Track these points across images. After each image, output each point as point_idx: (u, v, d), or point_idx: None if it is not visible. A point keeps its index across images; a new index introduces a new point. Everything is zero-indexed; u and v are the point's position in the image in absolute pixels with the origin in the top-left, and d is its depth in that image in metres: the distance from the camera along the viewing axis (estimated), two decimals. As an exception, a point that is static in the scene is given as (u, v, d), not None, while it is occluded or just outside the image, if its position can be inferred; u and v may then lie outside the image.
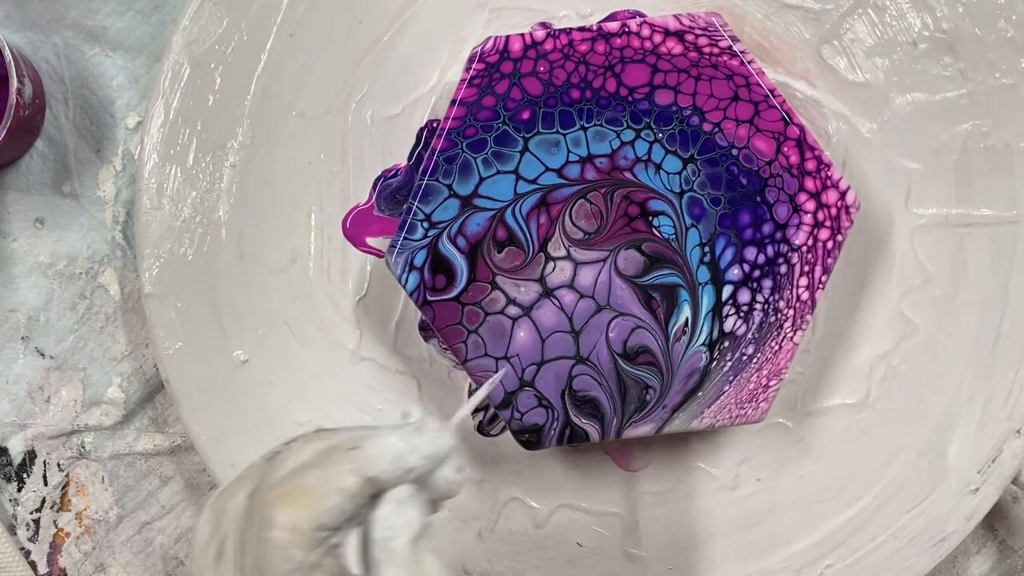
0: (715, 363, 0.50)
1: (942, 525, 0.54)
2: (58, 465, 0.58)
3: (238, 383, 0.54)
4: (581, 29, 0.49)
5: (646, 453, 0.55)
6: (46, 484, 0.58)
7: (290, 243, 0.55)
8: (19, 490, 0.58)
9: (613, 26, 0.49)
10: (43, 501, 0.58)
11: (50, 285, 0.57)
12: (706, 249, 0.49)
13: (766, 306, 0.50)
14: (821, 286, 0.50)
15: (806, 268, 0.50)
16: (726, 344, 0.50)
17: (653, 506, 0.55)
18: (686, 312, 0.50)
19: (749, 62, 0.49)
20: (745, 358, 0.50)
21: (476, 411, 0.53)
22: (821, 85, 0.54)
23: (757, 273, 0.50)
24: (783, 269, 0.50)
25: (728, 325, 0.50)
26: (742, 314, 0.50)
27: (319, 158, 0.54)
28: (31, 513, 0.58)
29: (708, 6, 0.54)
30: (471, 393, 0.52)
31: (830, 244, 0.50)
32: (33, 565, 0.58)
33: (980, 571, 0.59)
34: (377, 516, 0.36)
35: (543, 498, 0.55)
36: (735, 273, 0.50)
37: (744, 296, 0.50)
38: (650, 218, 0.49)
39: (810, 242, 0.50)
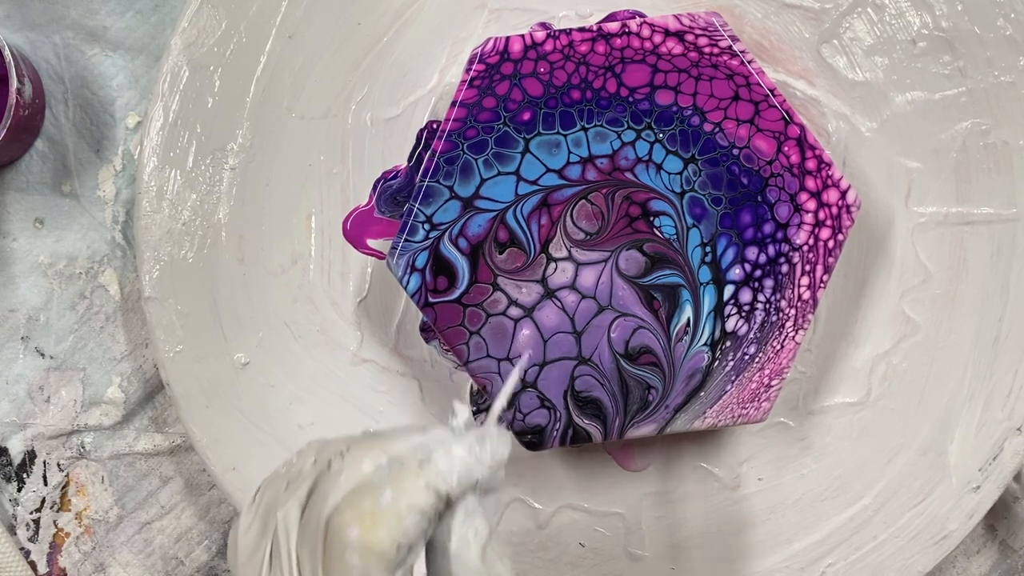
0: (717, 363, 0.50)
1: (943, 523, 0.55)
2: (58, 465, 0.58)
3: (239, 385, 0.54)
4: (581, 30, 0.49)
5: (648, 453, 0.55)
6: (46, 484, 0.58)
7: (290, 245, 0.55)
8: (19, 490, 0.58)
9: (613, 26, 0.49)
10: (43, 501, 0.58)
11: (50, 285, 0.57)
12: (707, 249, 0.49)
13: (768, 305, 0.50)
14: (822, 285, 0.50)
15: (807, 267, 0.50)
16: (728, 344, 0.50)
17: (655, 506, 0.55)
18: (688, 312, 0.50)
19: (749, 62, 0.49)
20: (747, 358, 0.50)
21: (476, 412, 0.52)
22: (821, 84, 0.54)
23: (758, 273, 0.50)
24: (784, 268, 0.50)
25: (730, 325, 0.50)
26: (744, 314, 0.50)
27: (319, 160, 0.54)
28: (31, 513, 0.58)
29: (708, 6, 0.54)
30: (472, 394, 0.52)
31: (831, 243, 0.50)
32: (33, 565, 0.58)
33: (980, 571, 0.59)
34: (446, 529, 0.36)
35: (545, 499, 0.55)
36: (736, 273, 0.50)
37: (746, 296, 0.50)
38: (651, 218, 0.49)
39: (811, 241, 0.50)
